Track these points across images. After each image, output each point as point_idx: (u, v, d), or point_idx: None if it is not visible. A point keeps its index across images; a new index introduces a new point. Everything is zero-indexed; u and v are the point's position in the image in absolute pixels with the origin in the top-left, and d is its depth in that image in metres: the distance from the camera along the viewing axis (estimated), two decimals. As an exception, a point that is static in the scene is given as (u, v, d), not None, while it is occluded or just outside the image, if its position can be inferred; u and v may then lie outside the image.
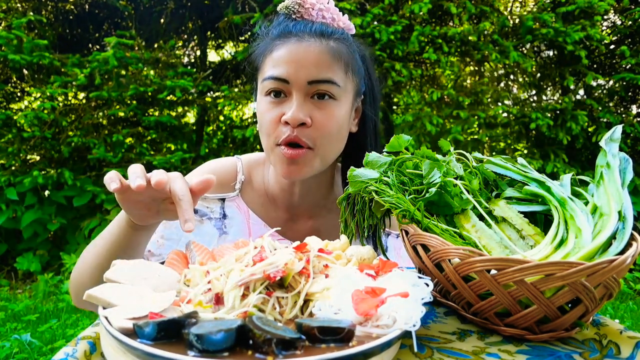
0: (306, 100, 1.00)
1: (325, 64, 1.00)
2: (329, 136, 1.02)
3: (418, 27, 4.28)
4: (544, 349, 0.59)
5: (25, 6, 5.16)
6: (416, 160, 0.77)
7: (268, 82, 1.01)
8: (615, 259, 0.55)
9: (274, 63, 1.01)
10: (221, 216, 1.15)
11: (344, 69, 1.03)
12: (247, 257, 0.62)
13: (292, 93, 1.00)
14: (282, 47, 1.02)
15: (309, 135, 1.00)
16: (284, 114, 0.99)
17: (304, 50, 1.00)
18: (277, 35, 1.05)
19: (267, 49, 1.05)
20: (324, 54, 1.00)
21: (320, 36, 1.02)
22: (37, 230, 4.22)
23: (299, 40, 1.01)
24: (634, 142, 4.70)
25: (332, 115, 1.01)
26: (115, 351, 0.51)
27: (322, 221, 1.17)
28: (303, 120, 0.98)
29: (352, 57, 1.06)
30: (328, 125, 1.01)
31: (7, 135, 4.46)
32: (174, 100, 4.75)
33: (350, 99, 1.07)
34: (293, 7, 1.05)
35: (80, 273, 1.00)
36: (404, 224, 0.71)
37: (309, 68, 0.99)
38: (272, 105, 1.02)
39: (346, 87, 1.04)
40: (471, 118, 4.33)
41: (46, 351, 2.63)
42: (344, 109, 1.05)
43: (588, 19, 4.38)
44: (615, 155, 0.72)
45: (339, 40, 1.05)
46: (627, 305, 3.53)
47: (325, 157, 1.05)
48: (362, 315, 0.53)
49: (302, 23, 1.05)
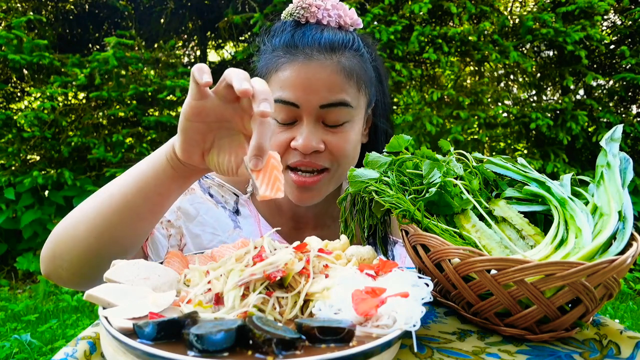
0: (317, 124, 0.94)
1: (337, 85, 0.93)
2: (344, 158, 0.97)
3: (418, 27, 4.28)
4: (544, 349, 0.59)
5: (25, 6, 5.16)
6: (416, 160, 0.77)
7: (276, 105, 0.93)
8: (616, 259, 0.55)
9: (281, 84, 0.93)
10: (234, 211, 1.12)
11: (357, 87, 0.97)
12: (247, 257, 0.62)
13: (303, 117, 0.93)
14: (289, 66, 0.93)
15: (323, 158, 0.95)
16: (294, 138, 0.93)
17: (313, 71, 0.92)
18: (280, 46, 0.97)
19: (271, 65, 0.97)
20: (335, 74, 0.93)
21: (330, 51, 0.94)
22: (37, 230, 4.22)
23: (308, 59, 0.93)
24: (634, 142, 4.71)
25: (346, 139, 0.96)
26: (115, 351, 0.51)
27: (327, 231, 1.15)
28: (315, 148, 0.93)
29: (363, 70, 0.99)
30: (343, 148, 0.96)
31: (7, 135, 4.46)
32: (174, 100, 4.75)
33: (362, 115, 1.01)
34: (297, 12, 0.99)
35: (76, 221, 0.82)
36: (404, 224, 0.71)
37: (321, 91, 0.92)
38: (281, 129, 0.95)
39: (359, 104, 0.98)
40: (471, 118, 4.33)
41: (46, 351, 2.63)
42: (357, 127, 0.99)
43: (588, 19, 4.39)
44: (615, 155, 0.72)
45: (351, 52, 0.97)
46: (627, 305, 3.53)
47: (340, 177, 1.01)
48: (362, 315, 0.53)
49: (309, 35, 0.96)
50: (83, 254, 0.82)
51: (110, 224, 0.81)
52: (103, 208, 0.81)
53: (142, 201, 0.80)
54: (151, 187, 0.79)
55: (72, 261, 0.83)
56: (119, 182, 0.82)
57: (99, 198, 0.83)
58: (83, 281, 0.86)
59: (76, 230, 0.82)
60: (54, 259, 0.84)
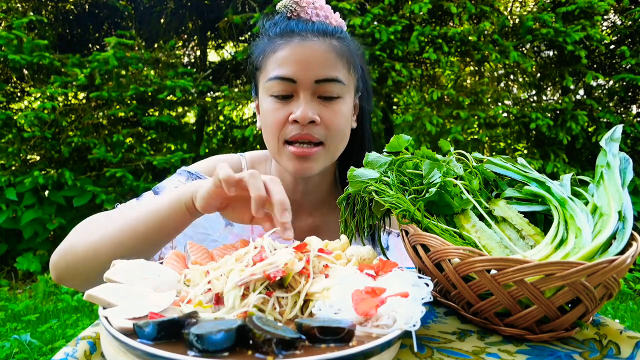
0: (313, 98, 1.01)
1: (331, 62, 1.01)
2: (337, 132, 1.04)
3: (418, 27, 4.28)
4: (544, 349, 0.59)
5: (25, 6, 5.16)
6: (416, 160, 0.77)
7: (274, 82, 1.01)
8: (615, 259, 0.55)
9: (279, 63, 1.01)
10: None
11: (347, 67, 1.05)
12: (247, 257, 0.62)
13: (299, 92, 1.01)
14: (286, 46, 1.02)
15: (318, 132, 1.01)
16: (291, 113, 1.00)
17: (309, 49, 1.00)
18: (278, 33, 1.06)
19: (269, 48, 1.05)
20: (328, 52, 1.02)
21: (323, 35, 1.04)
22: (37, 230, 4.22)
23: (303, 40, 1.02)
24: (633, 142, 4.70)
25: (339, 112, 1.03)
26: (116, 351, 0.51)
27: (322, 219, 1.18)
28: (312, 119, 0.99)
29: (351, 55, 1.08)
30: (336, 122, 1.03)
31: (7, 136, 4.46)
32: (174, 100, 4.75)
33: (352, 96, 1.09)
34: (291, 5, 1.07)
35: (95, 245, 0.91)
36: (404, 224, 0.71)
37: (316, 67, 1.00)
38: (279, 105, 1.02)
39: (349, 84, 1.06)
40: (471, 118, 4.33)
41: (46, 351, 2.63)
42: (348, 106, 1.07)
43: (588, 19, 4.39)
44: (615, 155, 0.72)
45: (340, 38, 1.06)
46: (627, 305, 3.53)
47: (333, 153, 1.07)
48: (362, 315, 0.53)
49: (303, 22, 1.06)
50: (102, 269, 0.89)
51: (131, 251, 0.89)
52: (124, 238, 0.90)
53: (163, 236, 0.91)
54: (172, 227, 0.90)
55: (90, 274, 0.92)
56: (139, 216, 0.90)
57: (119, 228, 0.91)
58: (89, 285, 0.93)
59: (96, 253, 0.90)
60: (67, 269, 0.94)
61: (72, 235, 0.97)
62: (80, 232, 0.97)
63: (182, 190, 0.89)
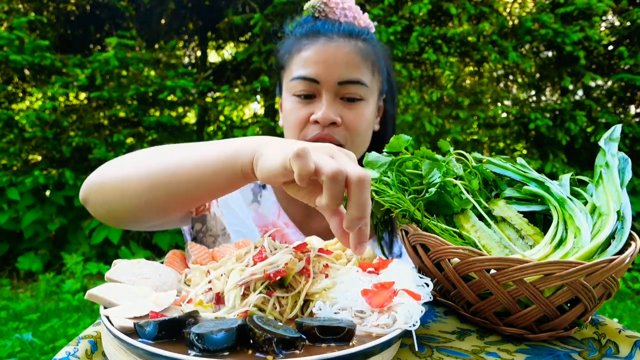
0: (335, 100, 1.01)
1: (355, 64, 1.00)
2: (358, 135, 1.03)
3: (418, 28, 4.29)
4: (543, 348, 0.59)
5: (26, 7, 5.17)
6: (416, 160, 0.77)
7: (297, 82, 1.01)
8: (614, 258, 0.55)
9: (304, 63, 1.01)
10: (261, 184, 1.13)
11: (371, 69, 1.04)
12: (248, 256, 0.62)
13: (322, 93, 1.00)
14: (311, 46, 1.01)
15: (339, 133, 1.01)
16: (313, 113, 1.00)
17: (333, 50, 1.00)
18: (304, 34, 1.05)
19: (294, 48, 1.05)
20: (353, 54, 1.01)
21: (349, 36, 1.03)
22: (38, 230, 4.23)
23: (328, 40, 1.01)
24: (632, 142, 4.70)
25: (361, 115, 1.02)
26: (117, 350, 0.51)
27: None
28: (333, 120, 0.99)
29: (376, 57, 1.07)
30: (357, 124, 1.02)
31: (8, 136, 4.47)
32: (174, 101, 4.76)
33: (375, 99, 1.08)
34: (319, 6, 1.06)
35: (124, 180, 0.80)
36: (404, 223, 0.71)
37: (339, 68, 0.99)
38: (301, 105, 1.02)
39: (373, 87, 1.05)
40: (470, 118, 4.33)
41: (47, 350, 2.64)
42: (371, 109, 1.06)
43: (587, 20, 4.39)
44: (614, 154, 0.72)
45: (365, 40, 1.05)
46: (626, 305, 3.53)
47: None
48: (377, 307, 0.53)
49: (329, 23, 1.05)
50: (129, 210, 0.82)
51: (158, 201, 0.79)
52: (160, 181, 0.77)
53: (203, 192, 0.77)
54: (219, 185, 0.75)
55: (116, 211, 0.84)
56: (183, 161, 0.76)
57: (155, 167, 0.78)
58: (114, 222, 0.89)
59: (124, 190, 0.80)
60: (98, 194, 0.85)
61: (104, 166, 0.87)
62: (116, 165, 0.86)
63: (239, 145, 0.70)
